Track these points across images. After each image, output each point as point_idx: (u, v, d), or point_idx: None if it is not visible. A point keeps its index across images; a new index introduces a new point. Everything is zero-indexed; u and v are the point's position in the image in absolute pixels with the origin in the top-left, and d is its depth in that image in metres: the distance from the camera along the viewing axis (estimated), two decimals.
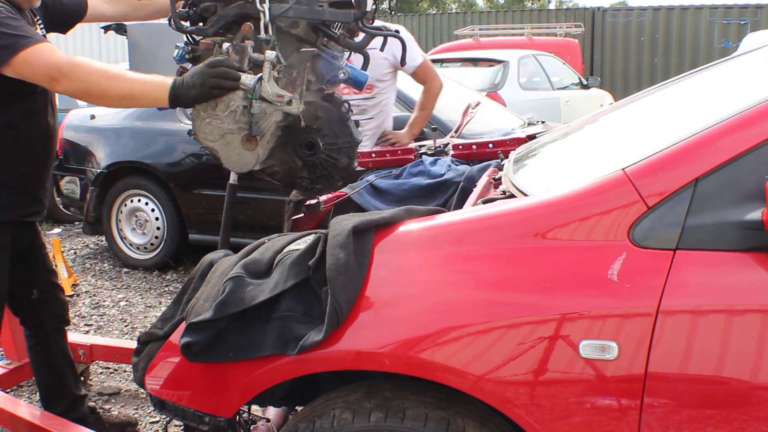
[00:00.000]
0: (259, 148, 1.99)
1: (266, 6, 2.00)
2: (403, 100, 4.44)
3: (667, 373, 1.32)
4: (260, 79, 1.89)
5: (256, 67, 1.94)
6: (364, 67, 2.35)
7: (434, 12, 28.96)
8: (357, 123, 2.32)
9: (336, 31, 2.17)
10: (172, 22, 2.15)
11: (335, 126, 2.13)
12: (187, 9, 2.15)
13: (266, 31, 2.02)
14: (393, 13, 31.61)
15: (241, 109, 1.91)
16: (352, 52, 2.36)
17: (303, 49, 1.99)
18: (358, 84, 2.32)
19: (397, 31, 2.33)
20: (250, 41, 1.97)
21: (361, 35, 2.25)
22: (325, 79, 2.17)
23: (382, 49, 2.49)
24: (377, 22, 2.40)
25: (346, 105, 2.18)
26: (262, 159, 2.03)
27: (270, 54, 1.92)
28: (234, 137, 1.96)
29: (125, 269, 5.14)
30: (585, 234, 1.40)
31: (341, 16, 2.10)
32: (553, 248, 1.41)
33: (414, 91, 4.58)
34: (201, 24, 2.14)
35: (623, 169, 1.41)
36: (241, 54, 1.91)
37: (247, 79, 1.90)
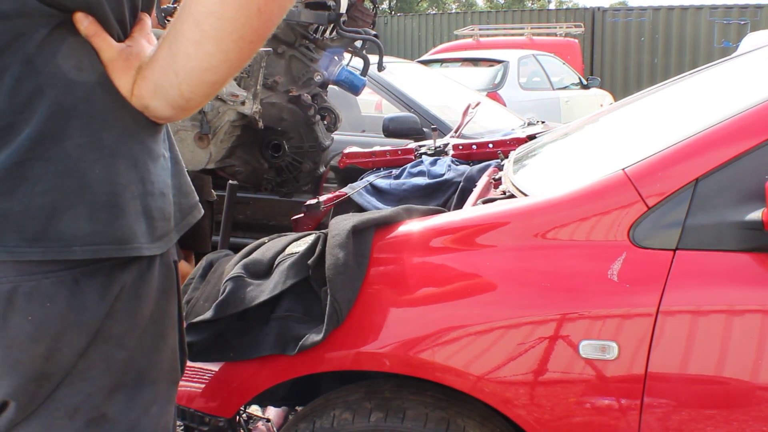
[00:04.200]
0: (211, 147, 1.98)
1: None
2: (402, 99, 4.44)
3: (667, 373, 1.32)
4: None
5: None
6: (364, 72, 2.35)
7: (434, 12, 28.95)
8: (328, 127, 2.32)
9: (313, 33, 2.17)
10: (157, 18, 2.15)
11: (301, 129, 2.13)
12: (175, 5, 2.16)
13: None
14: (393, 13, 31.60)
15: None
16: (353, 56, 2.36)
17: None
18: (354, 88, 2.32)
19: (376, 36, 2.32)
20: None
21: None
22: (299, 80, 2.17)
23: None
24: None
25: (313, 108, 2.17)
26: (217, 158, 2.02)
27: None
28: (187, 134, 1.96)
29: None
30: (585, 234, 1.40)
31: (316, 18, 2.10)
32: (553, 248, 1.41)
33: (413, 91, 4.59)
34: None
35: (623, 169, 1.41)
36: None
37: None
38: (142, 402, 0.95)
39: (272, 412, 2.14)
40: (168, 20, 2.17)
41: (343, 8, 2.16)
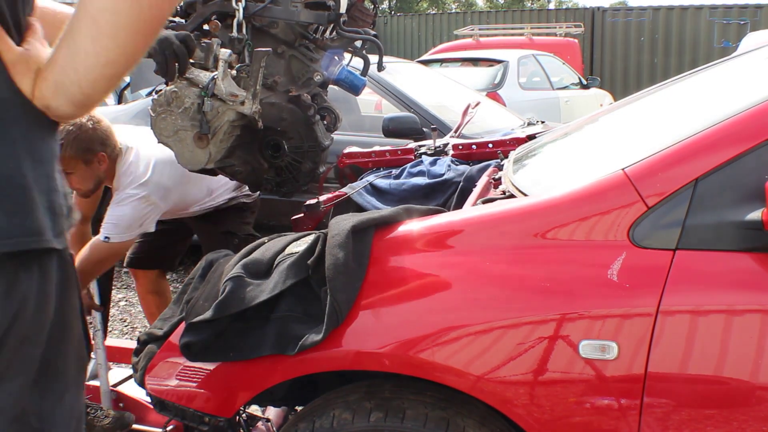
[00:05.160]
0: (211, 147, 1.98)
1: (241, 5, 2.00)
2: (402, 99, 4.44)
3: (667, 373, 1.32)
4: (214, 77, 1.88)
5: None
6: (364, 72, 2.34)
7: (434, 12, 28.94)
8: (328, 127, 2.32)
9: (316, 33, 2.16)
10: None
11: (300, 129, 2.13)
12: (180, 4, 2.15)
13: (240, 30, 2.02)
14: (393, 13, 31.60)
15: (195, 106, 1.91)
16: (353, 56, 2.35)
17: (256, 50, 1.98)
18: (354, 88, 2.31)
19: (375, 36, 2.32)
20: (217, 39, 1.97)
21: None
22: (299, 80, 2.17)
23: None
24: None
25: (313, 108, 2.17)
26: (216, 158, 2.02)
27: (224, 52, 1.91)
28: (187, 134, 1.96)
29: (125, 269, 5.13)
30: (585, 234, 1.40)
31: (316, 18, 2.10)
32: (552, 248, 1.41)
33: (413, 91, 4.59)
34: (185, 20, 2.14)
35: (623, 169, 1.41)
36: (206, 52, 1.90)
37: (203, 76, 1.89)
38: (56, 392, 1.01)
39: (272, 412, 2.14)
40: (170, 21, 2.16)
41: (343, 8, 2.15)
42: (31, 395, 0.97)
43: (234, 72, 1.95)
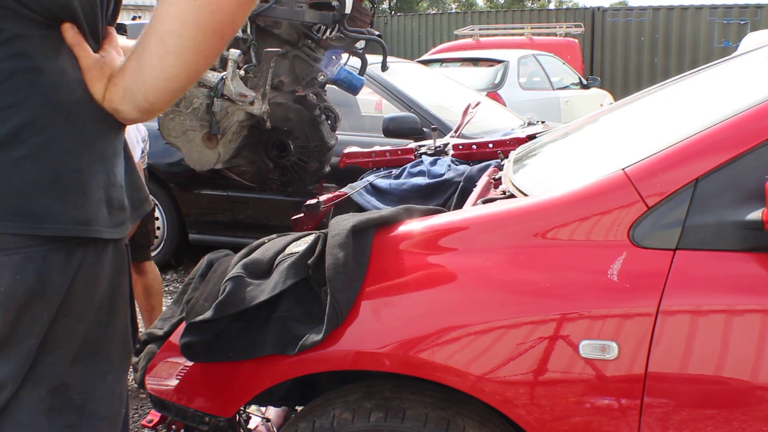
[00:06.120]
0: (219, 147, 1.99)
1: None
2: (402, 99, 4.44)
3: (667, 373, 1.32)
4: (224, 78, 1.88)
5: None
6: (362, 71, 2.35)
7: (434, 12, 28.94)
8: (332, 126, 2.32)
9: (319, 33, 2.16)
10: None
11: (306, 129, 2.13)
12: None
13: (244, 30, 2.02)
14: (393, 12, 31.60)
15: (203, 106, 1.91)
16: (350, 56, 2.36)
17: (266, 50, 1.98)
18: (352, 88, 2.32)
19: (379, 35, 2.32)
20: None
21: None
22: (303, 80, 2.17)
23: None
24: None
25: (319, 108, 2.18)
26: (225, 158, 2.03)
27: (233, 52, 1.91)
28: (195, 134, 1.96)
29: None
30: (585, 234, 1.40)
31: (321, 18, 2.10)
32: (552, 248, 1.41)
33: (413, 91, 4.59)
34: None
35: (623, 169, 1.41)
36: None
37: (212, 76, 1.89)
38: (99, 371, 1.06)
39: (272, 412, 2.14)
40: None
41: (348, 8, 2.15)
42: (71, 369, 1.02)
43: (242, 72, 1.95)
